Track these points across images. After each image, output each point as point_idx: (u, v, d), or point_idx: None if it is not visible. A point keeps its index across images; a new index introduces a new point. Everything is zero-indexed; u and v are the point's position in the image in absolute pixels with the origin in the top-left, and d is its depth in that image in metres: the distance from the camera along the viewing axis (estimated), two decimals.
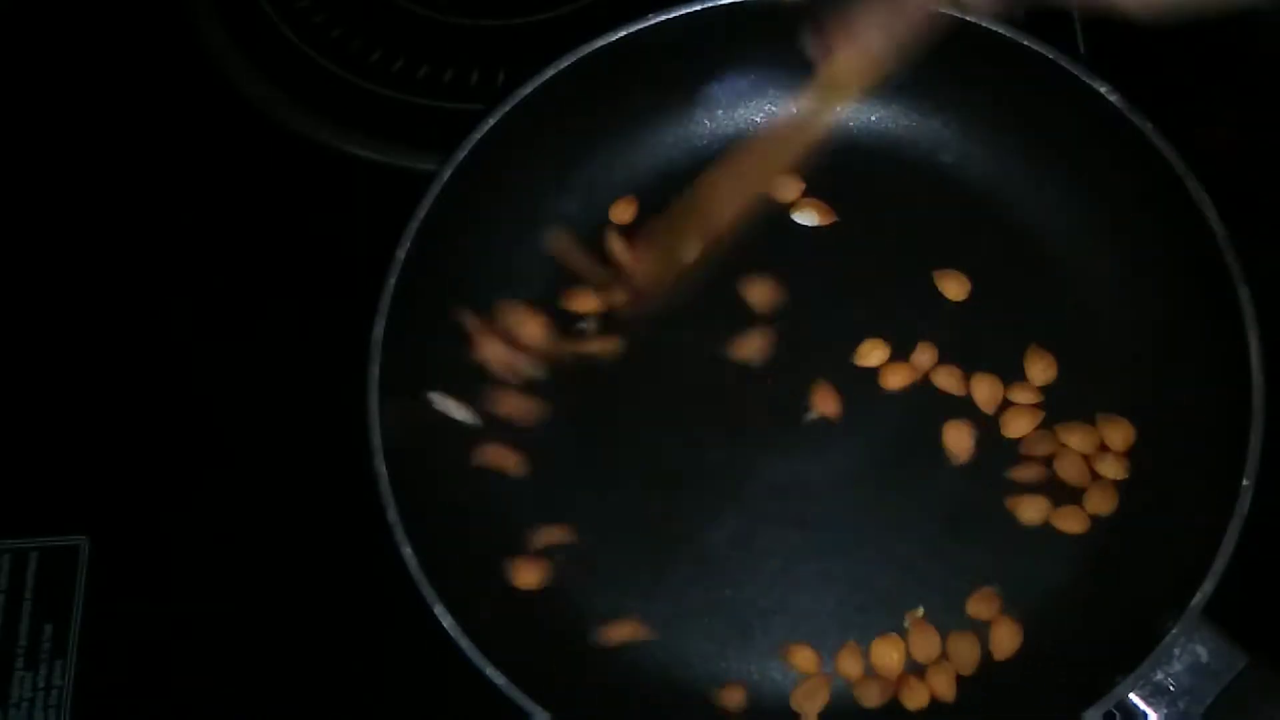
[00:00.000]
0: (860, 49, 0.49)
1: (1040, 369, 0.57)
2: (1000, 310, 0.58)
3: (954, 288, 0.59)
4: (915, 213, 0.60)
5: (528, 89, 0.57)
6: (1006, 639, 0.53)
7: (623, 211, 0.61)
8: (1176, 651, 0.48)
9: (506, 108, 0.57)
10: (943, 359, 0.58)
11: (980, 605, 0.53)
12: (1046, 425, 0.56)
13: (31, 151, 0.67)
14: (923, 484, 0.56)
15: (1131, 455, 0.55)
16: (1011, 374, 0.57)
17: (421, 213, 0.55)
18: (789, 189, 0.61)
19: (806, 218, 0.61)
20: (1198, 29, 0.44)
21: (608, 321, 0.59)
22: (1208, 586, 0.48)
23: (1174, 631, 0.47)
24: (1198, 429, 0.53)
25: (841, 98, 0.53)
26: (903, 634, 0.53)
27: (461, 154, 0.56)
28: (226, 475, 0.59)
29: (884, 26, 0.49)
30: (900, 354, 0.58)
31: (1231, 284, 0.52)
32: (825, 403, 0.57)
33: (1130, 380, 0.56)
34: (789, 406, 0.57)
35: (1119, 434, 0.55)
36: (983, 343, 0.58)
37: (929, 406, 0.57)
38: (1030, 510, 0.55)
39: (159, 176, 0.66)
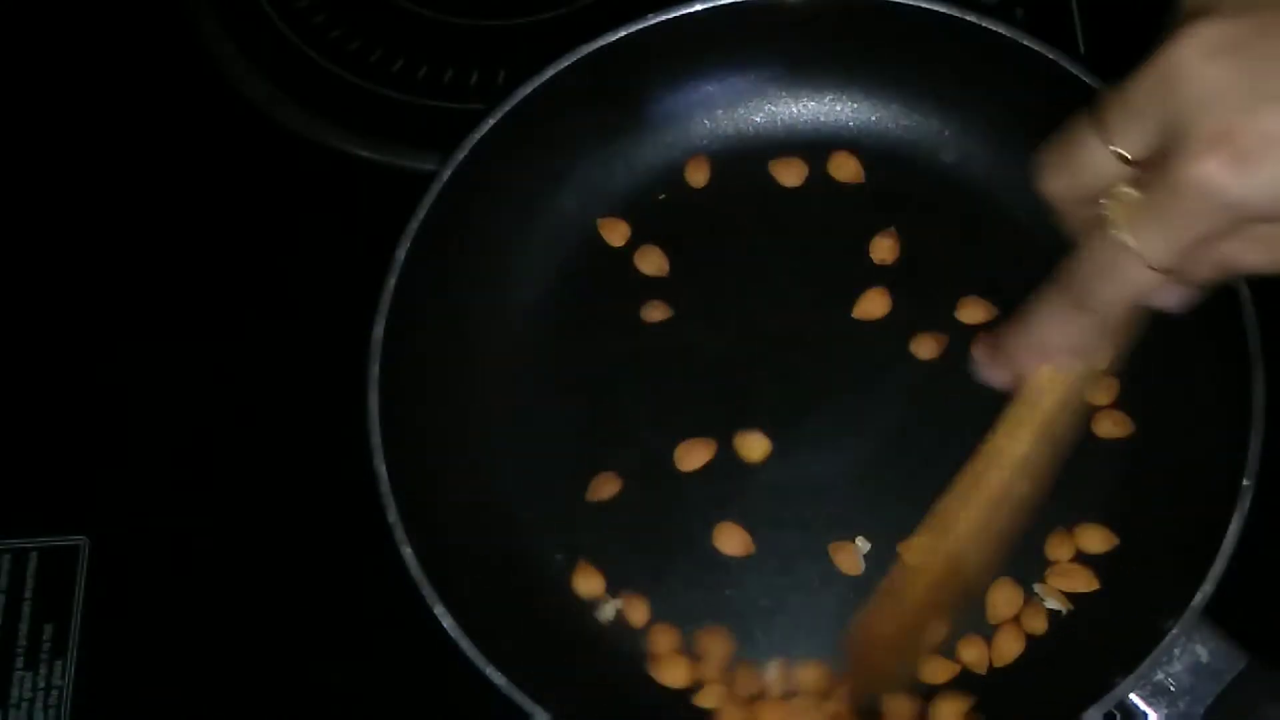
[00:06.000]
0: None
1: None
2: (999, 310, 0.58)
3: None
4: (915, 214, 0.60)
5: (528, 89, 0.57)
6: (1007, 642, 0.53)
7: (612, 231, 0.61)
8: (1176, 651, 0.48)
9: (506, 108, 0.57)
10: (946, 359, 0.58)
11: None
12: None
13: (31, 151, 0.67)
14: (923, 484, 0.55)
15: (1132, 453, 0.55)
16: None
17: (421, 213, 0.55)
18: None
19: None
20: None
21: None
22: (1208, 586, 0.47)
23: (1174, 631, 0.47)
24: (1198, 429, 0.53)
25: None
26: None
27: (461, 154, 0.56)
28: (226, 475, 0.59)
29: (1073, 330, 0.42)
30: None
31: (1231, 284, 0.52)
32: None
33: (1129, 380, 0.56)
34: (789, 406, 0.57)
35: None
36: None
37: (931, 407, 0.57)
38: None
39: (158, 176, 0.66)
